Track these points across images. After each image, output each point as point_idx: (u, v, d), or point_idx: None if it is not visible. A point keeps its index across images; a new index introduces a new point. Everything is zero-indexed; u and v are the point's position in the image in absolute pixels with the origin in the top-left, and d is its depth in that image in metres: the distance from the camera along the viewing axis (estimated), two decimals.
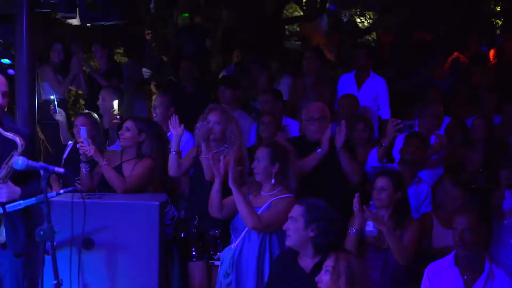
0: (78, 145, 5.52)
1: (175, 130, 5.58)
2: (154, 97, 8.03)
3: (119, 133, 5.73)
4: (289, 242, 4.44)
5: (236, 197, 4.87)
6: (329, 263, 4.04)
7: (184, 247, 5.63)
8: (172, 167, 5.60)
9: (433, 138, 6.17)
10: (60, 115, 6.72)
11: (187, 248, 5.57)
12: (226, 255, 5.01)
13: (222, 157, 5.13)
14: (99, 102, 7.08)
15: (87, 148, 5.44)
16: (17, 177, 4.49)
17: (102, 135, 6.34)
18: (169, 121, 5.62)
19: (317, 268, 4.27)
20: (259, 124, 6.57)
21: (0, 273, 4.51)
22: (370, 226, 4.95)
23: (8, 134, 4.38)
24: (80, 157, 5.56)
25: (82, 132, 5.56)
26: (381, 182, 5.05)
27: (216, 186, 5.07)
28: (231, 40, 10.55)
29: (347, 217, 5.00)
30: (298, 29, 12.66)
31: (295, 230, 4.36)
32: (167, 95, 6.94)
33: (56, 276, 3.94)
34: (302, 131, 6.24)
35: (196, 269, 5.48)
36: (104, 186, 5.60)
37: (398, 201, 5.03)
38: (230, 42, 10.48)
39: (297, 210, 4.40)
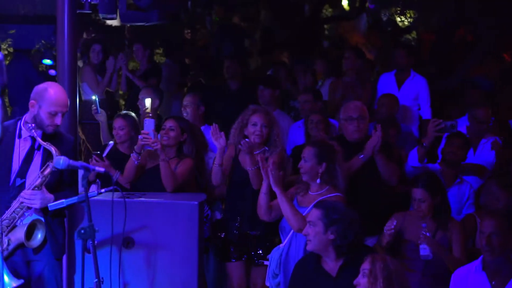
0: (140, 136, 5.51)
1: (217, 142, 5.47)
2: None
3: (161, 132, 5.76)
4: (310, 247, 4.40)
5: (280, 199, 4.81)
6: (365, 266, 3.99)
7: (222, 247, 5.61)
8: (216, 179, 5.54)
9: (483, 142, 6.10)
10: (101, 115, 6.77)
11: (225, 248, 5.56)
12: (274, 256, 4.96)
13: (270, 159, 5.06)
14: (139, 102, 7.12)
15: (152, 141, 5.46)
16: (50, 186, 4.57)
17: None
18: (211, 132, 5.55)
19: (343, 271, 4.26)
20: (307, 123, 6.53)
21: (39, 270, 4.56)
22: (425, 250, 4.83)
23: (45, 143, 4.45)
24: (135, 148, 5.60)
25: (149, 124, 5.58)
26: (418, 194, 4.96)
27: (264, 189, 4.99)
28: (269, 40, 10.54)
29: (386, 218, 4.95)
30: (337, 29, 12.59)
31: (315, 234, 4.32)
32: (197, 94, 6.96)
33: (97, 275, 3.98)
34: (340, 130, 6.19)
35: (235, 269, 5.47)
36: (142, 182, 5.68)
37: (439, 203, 4.97)
38: (269, 42, 10.47)
39: (315, 214, 4.37)
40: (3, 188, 4.55)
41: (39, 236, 4.33)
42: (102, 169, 4.09)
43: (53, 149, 4.42)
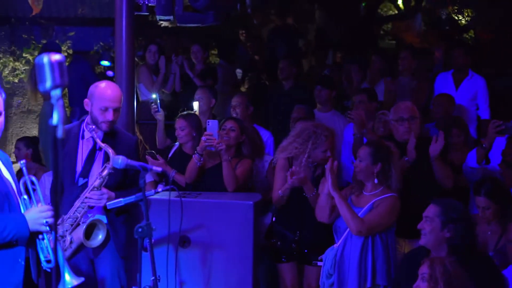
0: (203, 138, 5.56)
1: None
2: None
3: (221, 133, 5.80)
4: (423, 241, 4.34)
5: (338, 202, 4.78)
6: (424, 270, 3.93)
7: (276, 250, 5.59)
8: (278, 203, 5.47)
9: None
10: (160, 114, 6.85)
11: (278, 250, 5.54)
12: (328, 256, 4.93)
13: (331, 160, 4.94)
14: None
15: (217, 142, 5.50)
16: (116, 185, 4.65)
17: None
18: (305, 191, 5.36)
19: None
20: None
21: (103, 268, 4.64)
22: None
23: (103, 145, 4.51)
24: (197, 149, 5.64)
25: (212, 125, 5.64)
26: (481, 202, 4.92)
27: (325, 190, 4.93)
28: (324, 40, 10.50)
29: None
30: (391, 28, 12.47)
31: (431, 230, 4.27)
32: (246, 95, 6.94)
33: (154, 273, 4.03)
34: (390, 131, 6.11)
35: (287, 270, 5.44)
36: (202, 181, 5.74)
37: (503, 207, 4.89)
38: (323, 42, 10.43)
39: (432, 210, 4.31)
40: (69, 189, 4.64)
41: (100, 236, 4.38)
42: (159, 169, 4.15)
43: (110, 151, 4.49)
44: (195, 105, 6.28)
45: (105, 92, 4.63)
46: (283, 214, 5.53)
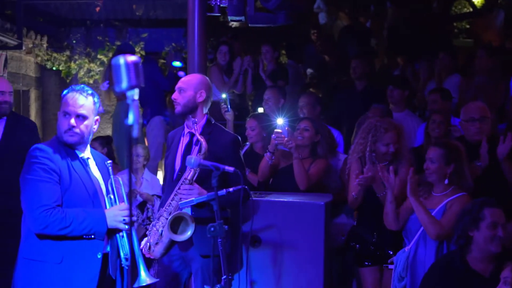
0: (273, 136, 5.58)
1: (387, 181, 5.07)
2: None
3: (295, 132, 5.80)
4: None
5: (416, 207, 4.71)
6: (507, 273, 3.85)
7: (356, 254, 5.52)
8: (353, 204, 5.39)
9: None
10: (230, 114, 6.89)
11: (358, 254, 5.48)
12: (399, 259, 4.87)
13: (391, 168, 4.93)
14: (264, 103, 7.20)
15: (286, 140, 5.52)
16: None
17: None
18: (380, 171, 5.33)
19: (496, 272, 4.08)
20: (429, 123, 6.37)
21: (196, 266, 4.64)
22: None
23: (201, 137, 4.53)
24: (268, 147, 5.67)
25: (282, 124, 5.67)
26: None
27: (389, 198, 4.91)
28: (396, 39, 10.35)
29: None
30: (467, 26, 12.17)
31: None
32: (313, 95, 6.90)
33: (226, 272, 4.05)
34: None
35: (368, 273, 5.36)
36: (275, 181, 5.73)
37: None
38: (396, 41, 10.29)
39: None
40: (169, 184, 4.70)
41: (188, 232, 4.39)
42: (231, 169, 4.15)
43: (203, 144, 4.48)
44: (260, 110, 6.31)
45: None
46: (361, 216, 5.48)
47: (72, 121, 3.84)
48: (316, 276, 5.06)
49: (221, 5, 5.77)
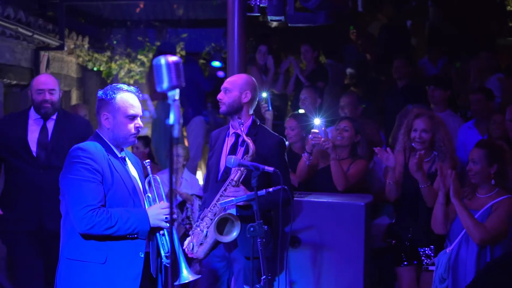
0: (310, 136, 5.59)
1: (388, 161, 5.30)
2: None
3: (334, 132, 5.77)
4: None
5: (460, 211, 4.64)
6: None
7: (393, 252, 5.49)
8: (391, 195, 5.39)
9: None
10: (270, 114, 6.89)
11: (395, 252, 5.44)
12: (441, 260, 4.80)
13: (449, 172, 4.78)
14: (301, 102, 7.19)
15: (323, 140, 5.51)
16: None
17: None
18: (377, 152, 5.38)
19: None
20: (491, 123, 6.25)
21: (238, 266, 4.65)
22: None
23: (248, 138, 4.53)
24: (306, 148, 5.67)
25: (319, 124, 5.65)
26: None
27: (440, 199, 4.82)
28: (437, 37, 10.21)
29: None
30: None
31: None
32: (355, 94, 6.85)
33: (266, 272, 4.04)
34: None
35: (406, 273, 5.32)
36: (314, 181, 5.70)
37: None
38: (437, 40, 10.14)
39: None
40: (213, 184, 4.72)
41: (234, 233, 4.39)
42: (271, 169, 4.14)
43: (251, 145, 4.49)
44: (264, 94, 6.30)
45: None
46: (399, 213, 5.47)
47: (140, 123, 3.91)
48: (356, 277, 5.03)
49: (261, 5, 5.75)
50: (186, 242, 4.60)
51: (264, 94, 6.81)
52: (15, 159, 5.57)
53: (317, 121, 5.63)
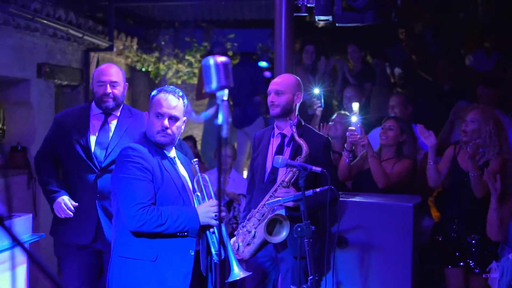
0: (348, 133, 5.58)
1: (427, 140, 5.36)
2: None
3: (380, 132, 5.75)
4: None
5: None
6: None
7: (441, 251, 5.44)
8: (432, 178, 5.40)
9: None
10: (320, 110, 6.87)
11: (442, 253, 5.38)
12: (506, 267, 4.64)
13: (498, 175, 4.72)
14: (345, 102, 7.16)
15: (359, 137, 5.50)
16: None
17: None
18: (418, 131, 5.44)
19: None
20: None
21: (286, 267, 4.66)
22: None
23: (299, 139, 4.54)
24: (345, 146, 5.66)
25: (356, 121, 5.64)
26: None
27: (493, 205, 4.72)
28: (487, 37, 10.04)
29: None
30: None
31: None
32: (404, 94, 6.77)
33: (313, 272, 4.04)
34: None
35: (454, 275, 5.27)
36: (360, 181, 5.68)
37: None
38: (486, 40, 9.97)
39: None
40: (259, 185, 4.73)
41: (283, 233, 4.40)
42: (318, 169, 4.13)
43: (304, 145, 4.50)
44: (355, 106, 6.28)
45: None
46: (444, 206, 5.47)
47: (166, 122, 3.92)
48: (404, 279, 4.97)
49: (308, 5, 5.74)
50: (231, 242, 4.61)
51: (317, 91, 6.77)
52: (73, 160, 4.88)
53: (354, 118, 5.61)
